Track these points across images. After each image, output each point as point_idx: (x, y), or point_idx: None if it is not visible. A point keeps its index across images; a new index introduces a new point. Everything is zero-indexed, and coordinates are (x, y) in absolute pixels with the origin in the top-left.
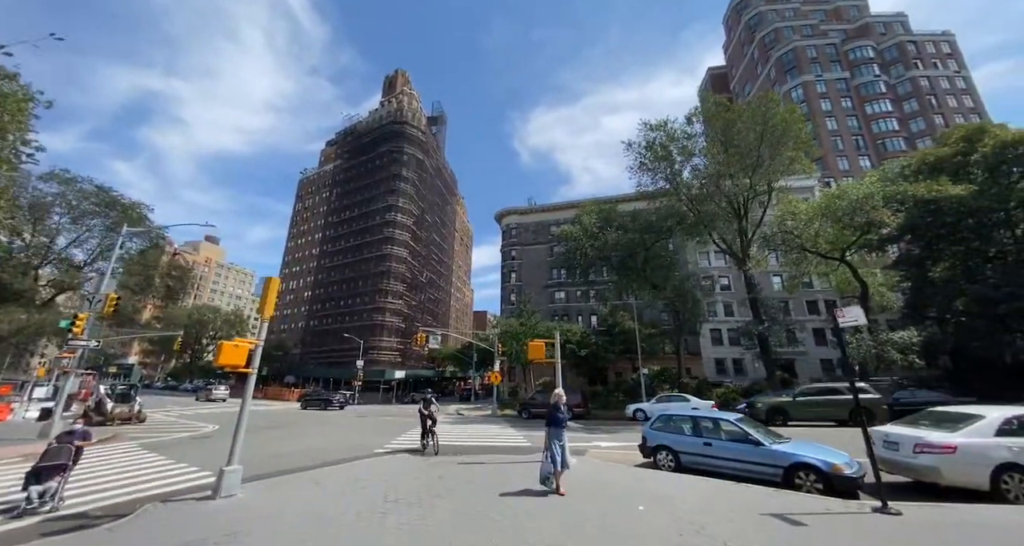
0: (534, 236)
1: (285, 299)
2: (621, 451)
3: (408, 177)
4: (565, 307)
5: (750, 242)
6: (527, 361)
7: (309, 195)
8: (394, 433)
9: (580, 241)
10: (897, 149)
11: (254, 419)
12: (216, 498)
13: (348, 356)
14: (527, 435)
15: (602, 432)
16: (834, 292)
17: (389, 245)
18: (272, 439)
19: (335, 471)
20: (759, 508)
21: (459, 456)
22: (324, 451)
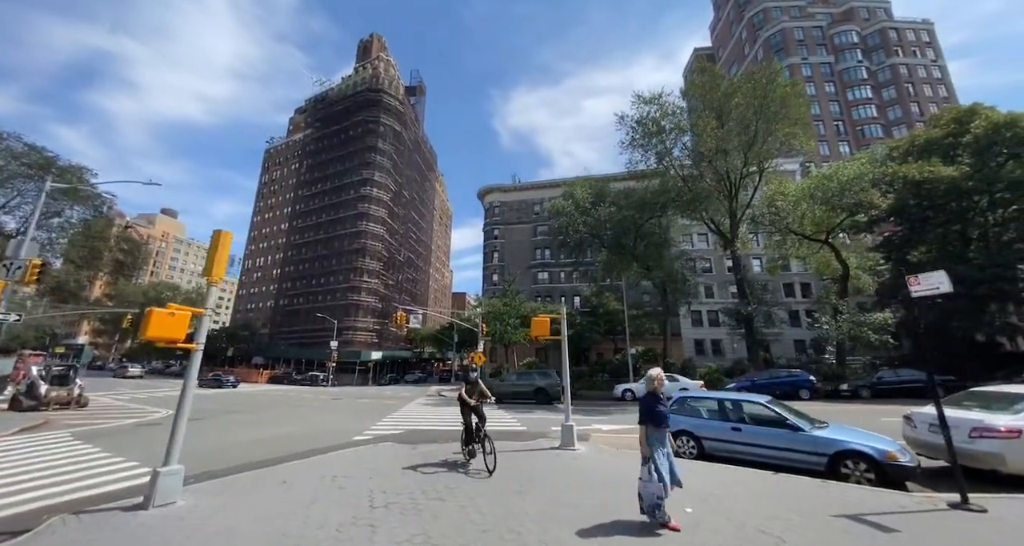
0: (518, 215)
1: (252, 277)
2: (627, 435)
3: (384, 149)
4: (548, 288)
5: (739, 222)
6: (511, 341)
7: (277, 166)
8: (374, 417)
9: (572, 216)
10: (874, 136)
11: (216, 403)
12: (148, 507)
13: (321, 337)
14: (520, 418)
15: (597, 414)
16: (811, 275)
17: (364, 221)
18: (234, 426)
19: (306, 466)
20: (824, 507)
21: (452, 443)
22: (294, 439)
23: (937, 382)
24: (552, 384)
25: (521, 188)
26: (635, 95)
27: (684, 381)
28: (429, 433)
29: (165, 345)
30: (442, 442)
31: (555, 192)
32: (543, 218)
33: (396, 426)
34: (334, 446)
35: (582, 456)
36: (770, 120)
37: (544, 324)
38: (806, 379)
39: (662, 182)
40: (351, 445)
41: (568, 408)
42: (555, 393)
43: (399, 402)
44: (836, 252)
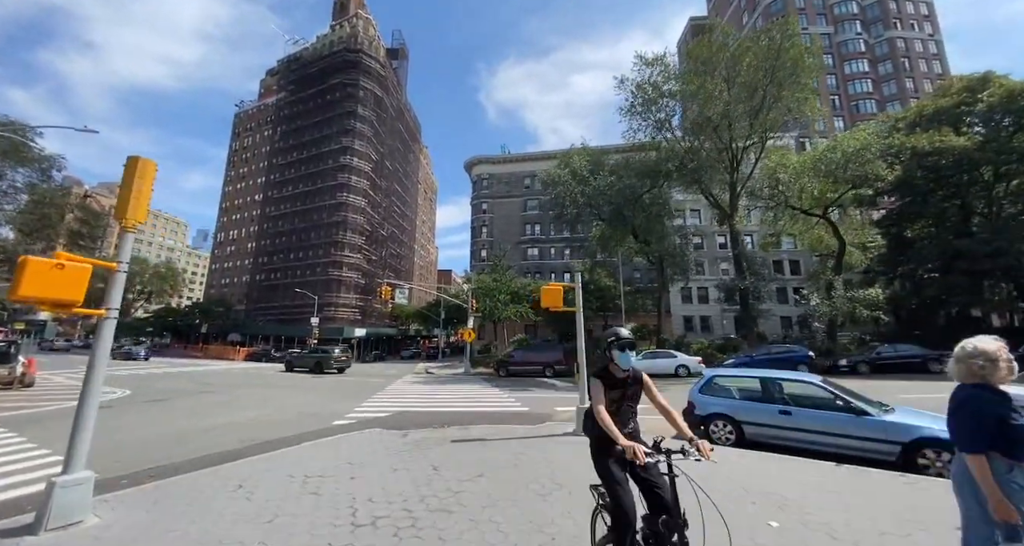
0: (507, 188)
1: (226, 251)
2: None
3: (365, 116)
4: (539, 264)
5: (739, 195)
6: (502, 318)
7: (248, 133)
8: (358, 397)
9: (569, 186)
10: (868, 111)
11: (189, 381)
12: (39, 531)
13: (302, 313)
14: (518, 397)
15: None
16: (801, 252)
17: (344, 192)
18: (202, 408)
19: (273, 462)
20: (942, 517)
21: (447, 429)
22: (267, 424)
23: (934, 356)
24: (559, 360)
25: (511, 159)
26: (637, 56)
27: (682, 357)
28: (420, 416)
29: (52, 310)
30: (437, 427)
31: (546, 164)
32: (534, 192)
33: (383, 408)
34: (311, 432)
35: None
36: (780, 84)
37: (556, 293)
38: (804, 354)
39: (662, 152)
40: (331, 432)
41: (584, 386)
42: (561, 369)
43: (384, 381)
44: (833, 227)
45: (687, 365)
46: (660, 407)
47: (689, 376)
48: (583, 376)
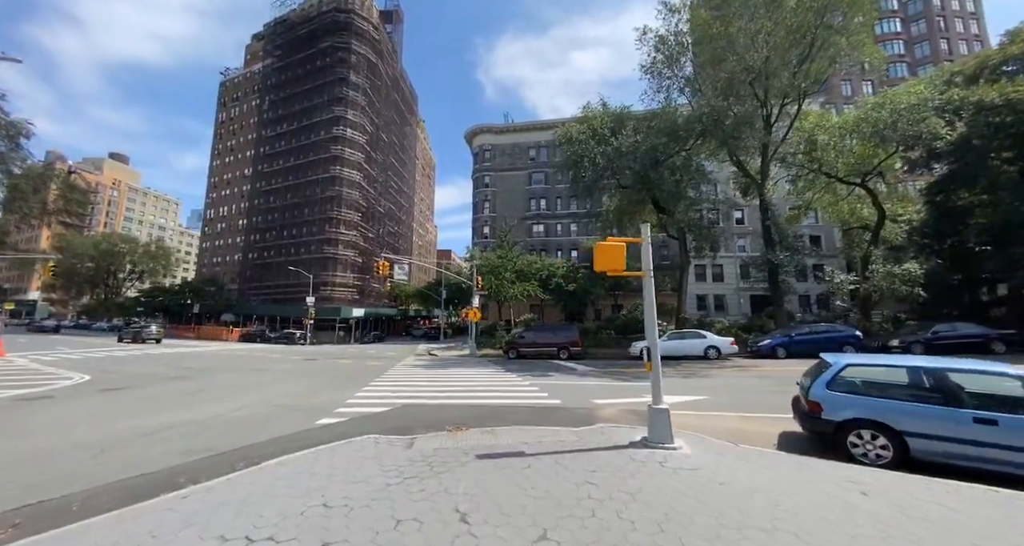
0: (511, 160)
1: (216, 228)
2: (707, 413)
3: (358, 83)
4: (544, 241)
5: (771, 160)
6: (508, 297)
7: (234, 102)
8: (353, 384)
9: (587, 145)
10: (897, 76)
11: (164, 365)
12: None
13: (297, 292)
14: (539, 384)
15: (629, 377)
16: (822, 226)
17: (338, 166)
18: (161, 399)
19: (207, 501)
20: None
21: (466, 433)
22: (228, 426)
23: (996, 336)
24: (574, 341)
25: (514, 129)
26: (661, 2)
27: (712, 337)
28: (428, 411)
29: None
30: (452, 430)
31: (552, 135)
32: (539, 164)
33: (381, 399)
34: (285, 439)
35: (712, 470)
36: (831, 26)
37: (615, 252)
38: (851, 334)
39: (693, 110)
40: (311, 440)
41: (658, 379)
42: (576, 351)
43: (384, 363)
44: (872, 196)
45: (718, 346)
46: None
47: (719, 358)
48: (656, 363)
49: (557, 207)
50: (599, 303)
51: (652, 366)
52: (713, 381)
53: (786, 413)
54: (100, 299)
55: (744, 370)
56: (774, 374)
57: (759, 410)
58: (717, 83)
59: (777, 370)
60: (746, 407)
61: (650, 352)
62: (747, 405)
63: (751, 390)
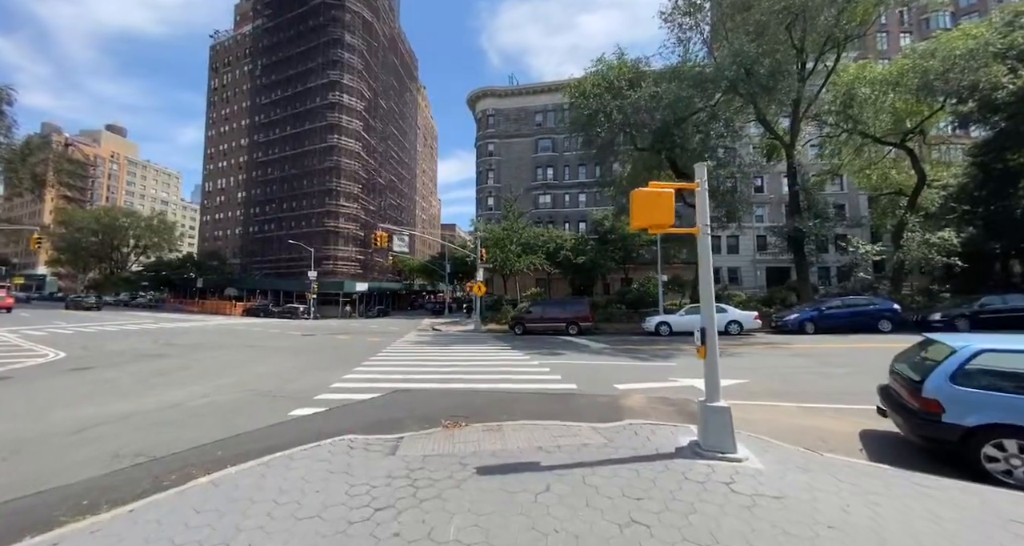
0: (516, 126)
1: (215, 201)
2: (782, 408)
3: (354, 45)
4: (551, 213)
5: (802, 118)
6: (513, 270)
7: (227, 68)
8: (346, 363)
9: (602, 99)
10: (939, 27)
11: (151, 341)
12: None
13: (299, 266)
14: (550, 364)
15: (648, 356)
16: (846, 193)
17: (336, 135)
18: (114, 384)
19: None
20: None
21: (465, 430)
22: (183, 419)
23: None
24: (585, 315)
25: (520, 92)
26: None
27: (734, 311)
28: (424, 398)
29: None
30: (448, 424)
31: (562, 97)
32: (546, 129)
33: (373, 382)
34: (244, 437)
35: (806, 500)
36: None
37: (660, 202)
38: (888, 308)
39: (721, 60)
40: (271, 442)
41: (715, 368)
42: (587, 326)
43: (384, 339)
44: (912, 157)
45: (740, 321)
46: None
47: (741, 334)
48: (712, 348)
49: (565, 176)
50: (609, 277)
51: (707, 351)
52: (747, 361)
53: (852, 402)
54: (106, 273)
55: (776, 348)
56: (812, 352)
57: (815, 399)
58: (747, 28)
59: (814, 347)
60: (799, 394)
61: (704, 334)
62: (798, 392)
63: (795, 372)
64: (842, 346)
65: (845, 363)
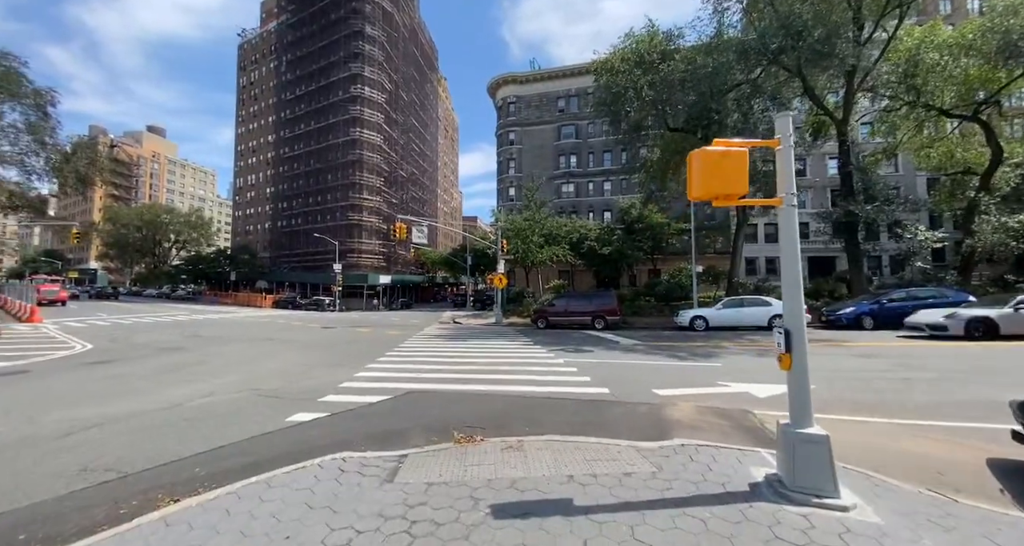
0: (538, 113)
1: (246, 197)
2: (872, 425)
3: (374, 36)
4: (575, 202)
5: (857, 90)
6: (535, 262)
7: (254, 66)
8: (361, 357)
9: (631, 75)
10: None
11: (170, 334)
12: None
13: (325, 260)
14: (577, 363)
15: (686, 354)
16: (902, 175)
17: (358, 128)
18: (122, 380)
19: None
20: None
21: (480, 446)
22: (179, 422)
23: None
24: (611, 309)
25: (541, 77)
26: None
27: (778, 304)
28: (435, 405)
29: None
30: (461, 439)
31: (586, 81)
32: (569, 115)
33: (384, 381)
34: (228, 449)
35: None
36: None
37: (733, 164)
38: (964, 300)
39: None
40: (257, 456)
41: (804, 383)
42: (613, 321)
43: (404, 333)
44: (988, 131)
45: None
46: None
47: None
48: (799, 354)
49: (589, 163)
50: (636, 268)
51: (793, 360)
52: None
53: (957, 419)
54: (150, 267)
55: (834, 345)
56: (880, 351)
57: (908, 413)
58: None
59: (880, 346)
60: (884, 406)
61: (790, 338)
62: (883, 403)
63: (870, 377)
64: (914, 345)
65: (927, 366)
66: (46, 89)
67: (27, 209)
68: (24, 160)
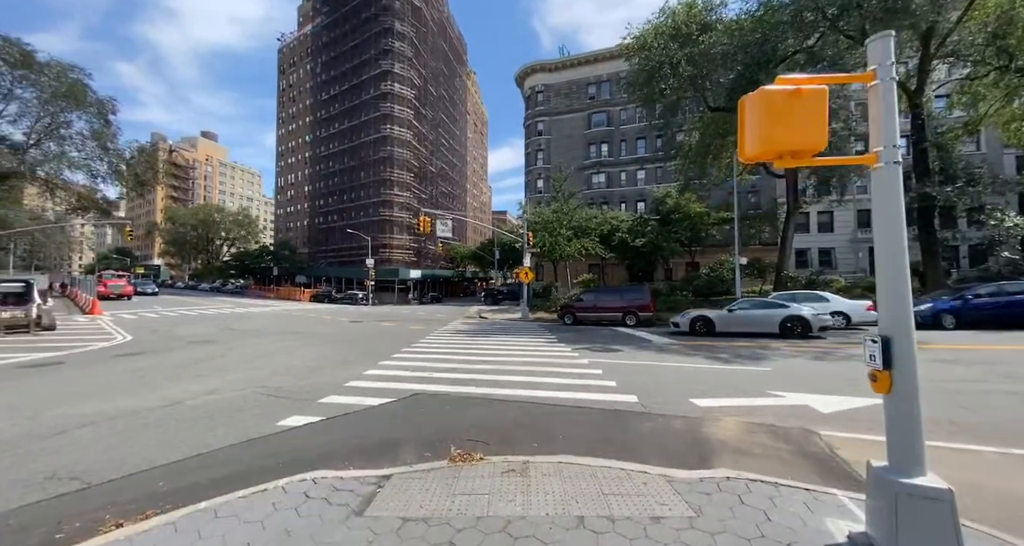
0: (567, 101)
1: (287, 195)
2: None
3: (404, 33)
4: (606, 193)
5: (934, 55)
6: (563, 256)
7: (292, 68)
8: (375, 356)
9: (667, 49)
10: None
11: (206, 327)
12: None
13: (359, 255)
14: (601, 365)
15: (728, 355)
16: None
17: (388, 124)
18: (152, 371)
19: None
20: None
21: (477, 466)
22: (168, 423)
23: None
24: (644, 304)
25: (571, 63)
26: None
27: (838, 301)
28: (440, 408)
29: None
30: (460, 462)
31: (617, 66)
32: (600, 102)
33: (393, 381)
34: (203, 458)
35: None
36: None
37: (809, 106)
38: None
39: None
40: (227, 470)
41: (914, 412)
42: (646, 317)
43: (427, 327)
44: None
45: (847, 313)
46: None
47: (848, 328)
48: (905, 360)
49: (622, 152)
50: (672, 261)
51: (892, 380)
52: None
53: None
54: (204, 263)
55: None
56: (970, 357)
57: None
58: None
59: (969, 349)
60: (991, 429)
61: (888, 349)
62: (988, 424)
63: (963, 389)
64: (1014, 348)
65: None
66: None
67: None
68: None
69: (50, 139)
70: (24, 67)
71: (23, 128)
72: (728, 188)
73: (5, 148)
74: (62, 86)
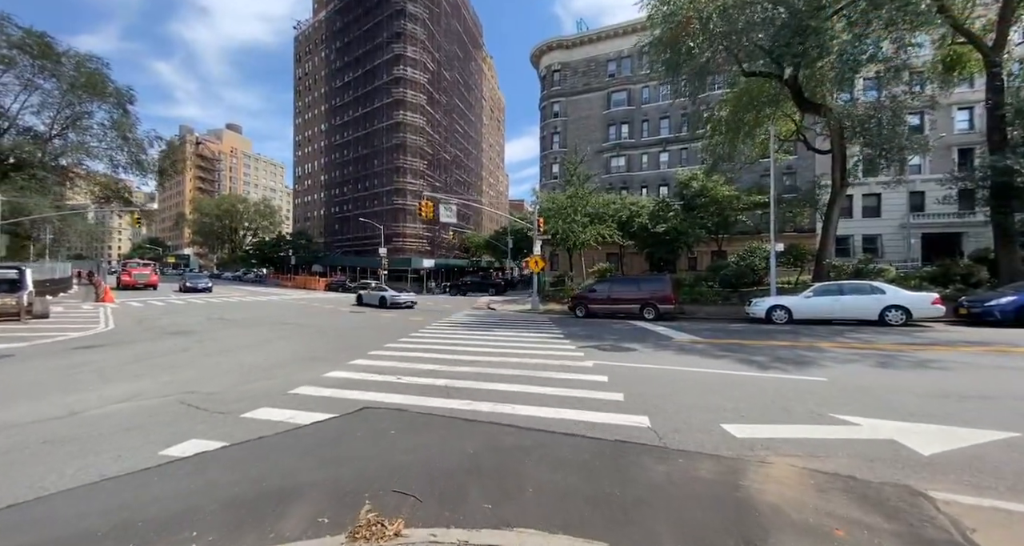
0: (585, 80)
1: (304, 185)
2: None
3: (416, 14)
4: (625, 177)
5: (1020, 4)
6: (578, 244)
7: (307, 56)
8: (351, 351)
9: (698, 13)
10: None
11: (196, 316)
12: None
13: (372, 244)
14: (606, 364)
15: (767, 357)
16: None
17: (401, 110)
18: (87, 368)
19: None
20: None
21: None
22: (52, 442)
23: None
24: (664, 295)
25: (589, 39)
26: None
27: (894, 293)
28: (385, 432)
29: None
30: (361, 539)
31: (641, 39)
32: (620, 79)
33: (349, 387)
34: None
35: None
36: None
37: None
38: None
39: None
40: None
41: None
42: (666, 310)
43: (428, 318)
44: None
45: (906, 307)
46: None
47: (907, 325)
48: None
49: (643, 132)
50: (696, 249)
51: None
52: (969, 379)
53: None
54: (229, 252)
55: (1000, 353)
56: None
57: None
58: None
59: None
60: None
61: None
62: None
63: None
64: None
65: None
66: (125, 88)
67: (117, 200)
68: (112, 155)
69: (71, 129)
70: (43, 57)
71: (45, 119)
72: (760, 169)
73: (29, 139)
74: (81, 76)
